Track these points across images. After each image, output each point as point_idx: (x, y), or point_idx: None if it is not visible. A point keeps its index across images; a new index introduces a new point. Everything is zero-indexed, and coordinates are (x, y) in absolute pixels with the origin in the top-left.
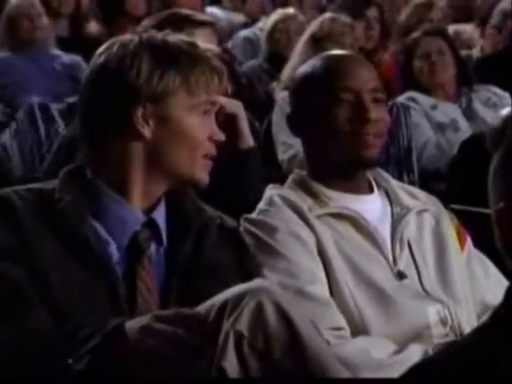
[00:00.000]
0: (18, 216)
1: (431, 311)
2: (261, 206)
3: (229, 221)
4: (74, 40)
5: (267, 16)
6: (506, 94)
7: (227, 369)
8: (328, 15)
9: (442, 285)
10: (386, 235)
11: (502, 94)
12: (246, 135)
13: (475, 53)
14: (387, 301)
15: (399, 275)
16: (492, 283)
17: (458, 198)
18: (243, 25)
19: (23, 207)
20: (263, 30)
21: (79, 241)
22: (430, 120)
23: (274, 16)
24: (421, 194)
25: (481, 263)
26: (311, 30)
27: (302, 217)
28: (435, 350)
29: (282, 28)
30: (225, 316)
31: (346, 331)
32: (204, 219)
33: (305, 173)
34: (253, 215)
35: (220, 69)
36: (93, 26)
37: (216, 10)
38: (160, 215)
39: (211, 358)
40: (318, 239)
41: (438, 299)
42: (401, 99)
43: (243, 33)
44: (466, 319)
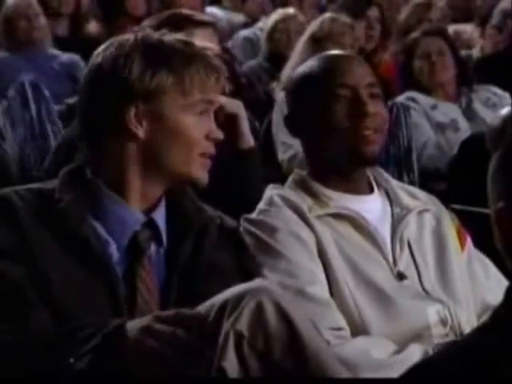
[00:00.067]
0: (18, 216)
1: (431, 311)
2: (261, 206)
3: (229, 221)
4: (74, 40)
5: (267, 16)
6: (505, 94)
7: (227, 369)
8: (328, 15)
9: (442, 285)
10: (386, 235)
11: (502, 94)
12: (247, 135)
13: (475, 53)
14: (387, 301)
15: (399, 276)
16: (492, 283)
17: (458, 197)
18: (243, 25)
19: (23, 207)
20: (263, 30)
21: (79, 241)
22: (430, 120)
23: (274, 16)
24: (421, 194)
25: (481, 263)
26: (311, 29)
27: (302, 217)
28: (435, 349)
29: (281, 28)
30: (225, 316)
31: (346, 331)
32: (204, 219)
33: (305, 173)
34: (253, 215)
35: (217, 67)
36: (93, 26)
37: (216, 10)
38: (160, 215)
39: (211, 359)
40: (318, 239)
41: (438, 299)
42: (401, 99)
43: (243, 33)
44: (465, 319)
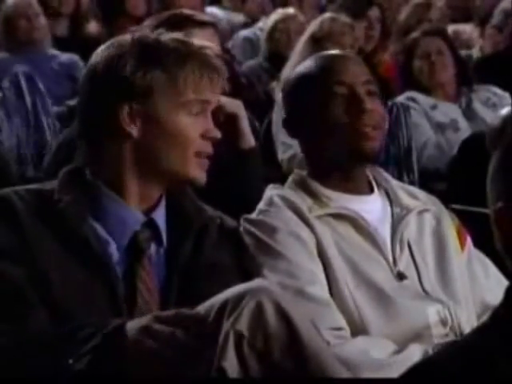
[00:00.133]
0: (18, 216)
1: (431, 311)
2: (261, 206)
3: (229, 221)
4: (74, 40)
5: (267, 16)
6: (505, 94)
7: (227, 369)
8: (328, 15)
9: (442, 285)
10: (386, 236)
11: (502, 94)
12: (247, 135)
13: (475, 53)
14: (387, 301)
15: (399, 276)
16: (492, 283)
17: (458, 197)
18: (243, 25)
19: (23, 207)
20: (263, 30)
21: (79, 241)
22: (430, 120)
23: (274, 16)
24: (421, 194)
25: (481, 263)
26: (311, 29)
27: (301, 217)
28: (435, 349)
29: (281, 28)
30: (225, 316)
31: (346, 331)
32: (204, 219)
33: (305, 173)
34: (253, 215)
35: (214, 67)
36: (92, 26)
37: (216, 10)
38: (160, 215)
39: (211, 359)
40: (317, 240)
41: (437, 299)
42: (401, 99)
43: (243, 33)
44: (465, 319)
